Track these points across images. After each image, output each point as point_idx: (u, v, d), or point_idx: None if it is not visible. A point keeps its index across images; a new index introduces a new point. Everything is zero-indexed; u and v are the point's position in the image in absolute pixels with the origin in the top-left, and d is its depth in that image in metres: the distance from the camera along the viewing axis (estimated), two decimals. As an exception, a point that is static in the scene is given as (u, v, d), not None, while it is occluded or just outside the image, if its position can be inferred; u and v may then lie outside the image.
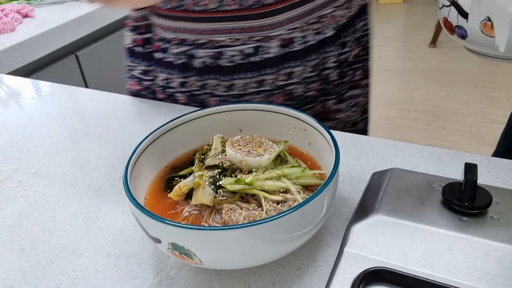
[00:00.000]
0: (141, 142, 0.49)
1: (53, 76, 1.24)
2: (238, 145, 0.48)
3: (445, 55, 2.99)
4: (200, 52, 0.68)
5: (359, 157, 0.59)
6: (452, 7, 0.56)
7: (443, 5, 0.58)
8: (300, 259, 0.45)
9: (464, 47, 0.60)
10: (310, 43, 0.68)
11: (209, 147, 0.52)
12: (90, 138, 0.69)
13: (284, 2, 0.64)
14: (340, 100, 0.77)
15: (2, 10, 1.28)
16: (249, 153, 0.47)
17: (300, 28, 0.66)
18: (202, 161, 0.49)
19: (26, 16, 1.31)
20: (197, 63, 0.68)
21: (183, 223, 0.44)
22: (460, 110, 2.42)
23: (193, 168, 0.48)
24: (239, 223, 0.42)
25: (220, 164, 0.48)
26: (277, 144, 0.50)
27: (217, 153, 0.49)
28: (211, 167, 0.47)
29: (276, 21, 0.64)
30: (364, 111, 0.84)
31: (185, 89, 0.72)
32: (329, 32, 0.69)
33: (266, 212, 0.43)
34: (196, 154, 0.51)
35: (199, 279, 0.44)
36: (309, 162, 0.51)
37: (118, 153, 0.65)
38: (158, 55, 0.72)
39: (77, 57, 1.32)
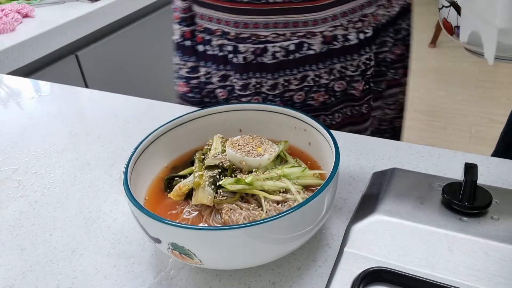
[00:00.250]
0: (141, 142, 0.49)
1: (53, 76, 1.24)
2: (238, 145, 0.48)
3: (445, 55, 2.99)
4: (242, 47, 0.67)
5: (359, 157, 0.59)
6: (452, 7, 0.56)
7: (443, 6, 0.58)
8: (300, 259, 0.45)
9: (464, 48, 0.60)
10: (352, 42, 0.68)
11: (209, 147, 0.52)
12: (90, 138, 0.69)
13: None
14: (378, 97, 0.78)
15: (2, 10, 1.28)
16: (249, 153, 0.47)
17: (343, 26, 0.67)
18: (202, 161, 0.49)
19: (26, 16, 1.31)
20: (238, 58, 0.68)
21: (183, 223, 0.44)
22: (460, 110, 2.42)
23: (193, 168, 0.48)
24: (239, 223, 0.42)
25: (220, 164, 0.48)
26: (277, 144, 0.50)
27: (217, 153, 0.49)
28: (211, 167, 0.47)
29: (321, 17, 0.65)
30: (401, 109, 0.84)
31: (225, 83, 0.72)
32: (370, 32, 0.69)
33: (266, 212, 0.43)
34: (196, 154, 0.51)
35: (199, 279, 0.44)
36: (309, 162, 0.51)
37: (118, 153, 0.65)
38: (201, 47, 0.72)
39: (77, 57, 1.32)
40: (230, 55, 0.68)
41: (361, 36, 0.68)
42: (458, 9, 0.55)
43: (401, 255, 0.41)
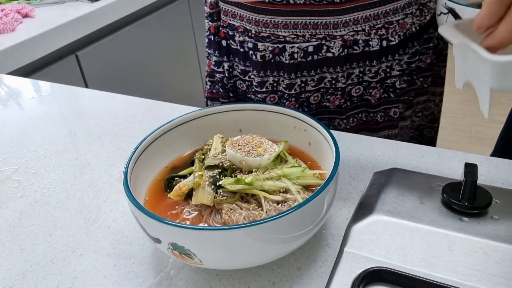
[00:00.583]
0: (141, 142, 0.49)
1: (53, 76, 1.24)
2: (238, 145, 0.48)
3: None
4: (261, 46, 0.67)
5: (359, 157, 0.59)
6: (450, 14, 0.56)
7: (441, 12, 0.58)
8: (300, 259, 0.45)
9: None
10: (373, 48, 0.66)
11: (209, 147, 0.52)
12: (90, 138, 0.69)
13: (353, 2, 0.63)
14: (406, 107, 0.76)
15: (2, 10, 1.28)
16: (249, 153, 0.47)
17: (365, 31, 0.65)
18: (202, 161, 0.49)
19: (26, 16, 1.31)
20: (257, 56, 0.68)
21: (183, 223, 0.44)
22: (460, 110, 2.42)
23: (193, 168, 0.48)
24: (239, 223, 0.42)
25: (220, 164, 0.48)
26: (277, 144, 0.50)
27: (217, 153, 0.49)
28: (211, 167, 0.47)
29: (342, 21, 0.64)
30: (434, 119, 0.81)
31: (244, 77, 0.72)
32: (395, 40, 0.67)
33: (266, 212, 0.43)
34: (196, 154, 0.51)
35: (199, 279, 0.44)
36: (309, 162, 0.51)
37: (118, 153, 0.65)
38: (224, 42, 0.73)
39: (77, 57, 1.32)
40: (250, 52, 0.69)
41: (384, 43, 0.67)
42: (456, 16, 0.55)
43: (401, 255, 0.41)
